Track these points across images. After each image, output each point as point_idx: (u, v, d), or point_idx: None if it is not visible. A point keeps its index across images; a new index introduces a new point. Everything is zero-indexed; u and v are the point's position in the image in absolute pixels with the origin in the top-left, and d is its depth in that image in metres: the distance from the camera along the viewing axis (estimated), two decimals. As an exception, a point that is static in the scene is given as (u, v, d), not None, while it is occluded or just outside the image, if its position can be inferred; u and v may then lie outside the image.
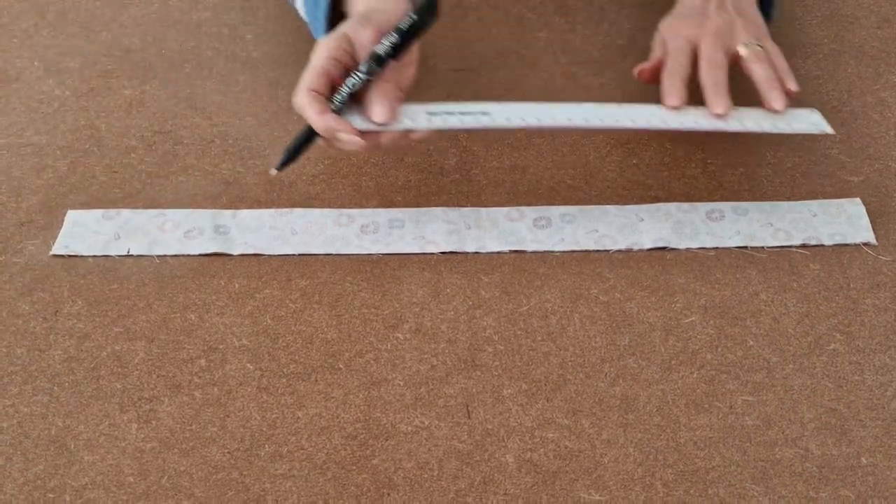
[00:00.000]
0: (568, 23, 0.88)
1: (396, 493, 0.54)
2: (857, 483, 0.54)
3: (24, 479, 0.54)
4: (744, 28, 0.71)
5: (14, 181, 0.72)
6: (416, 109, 0.65)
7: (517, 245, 0.67)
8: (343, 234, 0.68)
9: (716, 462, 0.55)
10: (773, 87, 0.67)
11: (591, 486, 0.54)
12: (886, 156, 0.74)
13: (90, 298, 0.64)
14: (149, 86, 0.82)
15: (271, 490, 0.54)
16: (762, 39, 0.71)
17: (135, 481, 0.54)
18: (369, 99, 0.64)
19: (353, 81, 0.63)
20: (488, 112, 0.66)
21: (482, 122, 0.65)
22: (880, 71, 0.83)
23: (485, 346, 0.61)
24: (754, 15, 0.73)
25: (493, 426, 0.57)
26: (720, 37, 0.70)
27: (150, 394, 0.58)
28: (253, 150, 0.75)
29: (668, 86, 0.68)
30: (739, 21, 0.71)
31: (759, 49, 0.69)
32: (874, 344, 0.61)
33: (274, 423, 0.57)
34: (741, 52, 0.69)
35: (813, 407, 0.58)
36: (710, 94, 0.66)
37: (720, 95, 0.66)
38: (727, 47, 0.69)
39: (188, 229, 0.68)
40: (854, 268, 0.66)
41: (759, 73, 0.68)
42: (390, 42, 0.63)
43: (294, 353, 0.61)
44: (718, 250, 0.67)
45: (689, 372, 0.59)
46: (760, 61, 0.69)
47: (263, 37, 0.87)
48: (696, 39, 0.70)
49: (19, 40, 0.87)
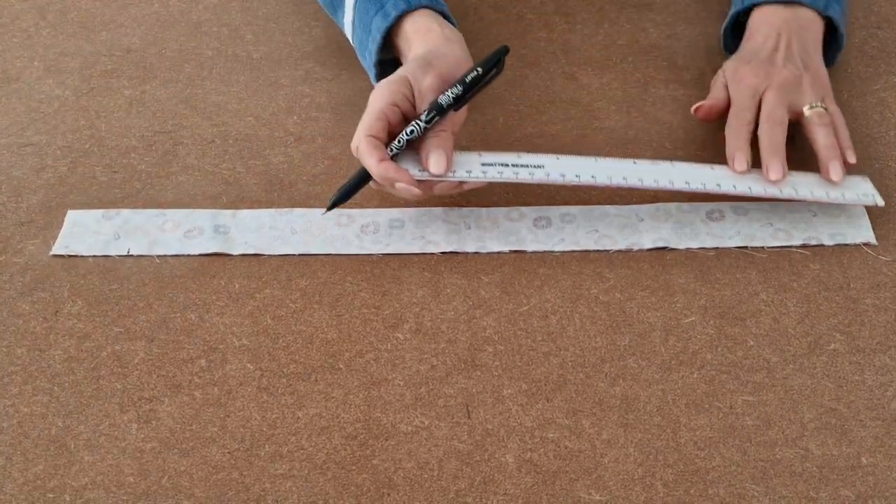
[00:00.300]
0: (568, 23, 0.88)
1: (396, 493, 0.54)
2: (857, 483, 0.54)
3: (24, 479, 0.54)
4: (810, 85, 0.70)
5: (14, 181, 0.72)
6: (471, 159, 0.65)
7: (517, 245, 0.67)
8: (343, 234, 0.68)
9: (716, 462, 0.55)
10: (833, 156, 0.67)
11: (592, 487, 0.54)
12: (886, 156, 0.74)
13: (90, 298, 0.64)
14: (149, 86, 0.82)
15: (271, 490, 0.54)
16: (826, 100, 0.71)
17: (135, 481, 0.54)
18: (426, 148, 0.64)
19: (412, 129, 0.63)
20: (542, 165, 0.66)
21: (536, 176, 0.65)
22: (880, 71, 0.83)
23: (485, 346, 0.61)
24: (820, 68, 0.73)
25: (493, 426, 0.57)
26: (785, 91, 0.70)
27: (150, 394, 0.58)
28: (253, 150, 0.75)
29: (732, 147, 0.68)
30: (806, 76, 0.71)
31: (824, 112, 0.69)
32: (874, 344, 0.61)
33: (274, 423, 0.57)
34: (805, 113, 0.69)
35: (813, 407, 0.58)
36: (767, 156, 0.67)
37: (776, 159, 0.66)
38: (791, 103, 0.69)
39: (188, 229, 0.68)
40: (854, 268, 0.66)
41: (822, 139, 0.68)
42: (454, 94, 0.64)
43: (294, 353, 0.61)
44: (718, 250, 0.67)
45: (690, 372, 0.59)
46: (824, 126, 0.68)
47: (263, 37, 0.87)
48: (761, 90, 0.70)
49: (19, 40, 0.87)
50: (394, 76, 0.66)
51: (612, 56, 0.84)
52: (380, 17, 0.70)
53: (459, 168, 0.65)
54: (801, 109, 0.70)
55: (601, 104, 0.79)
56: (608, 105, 0.79)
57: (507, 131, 0.76)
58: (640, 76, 0.82)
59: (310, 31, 0.88)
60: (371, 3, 0.71)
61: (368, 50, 0.72)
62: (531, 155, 0.67)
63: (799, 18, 0.74)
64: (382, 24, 0.70)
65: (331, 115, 0.78)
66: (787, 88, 0.70)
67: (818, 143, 0.68)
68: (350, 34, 0.76)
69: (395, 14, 0.70)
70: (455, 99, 0.64)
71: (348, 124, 0.77)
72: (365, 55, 0.73)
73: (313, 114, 0.78)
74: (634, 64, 0.84)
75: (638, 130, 0.77)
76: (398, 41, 0.71)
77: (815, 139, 0.69)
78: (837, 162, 0.67)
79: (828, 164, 0.67)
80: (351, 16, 0.74)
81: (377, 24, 0.70)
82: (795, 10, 0.75)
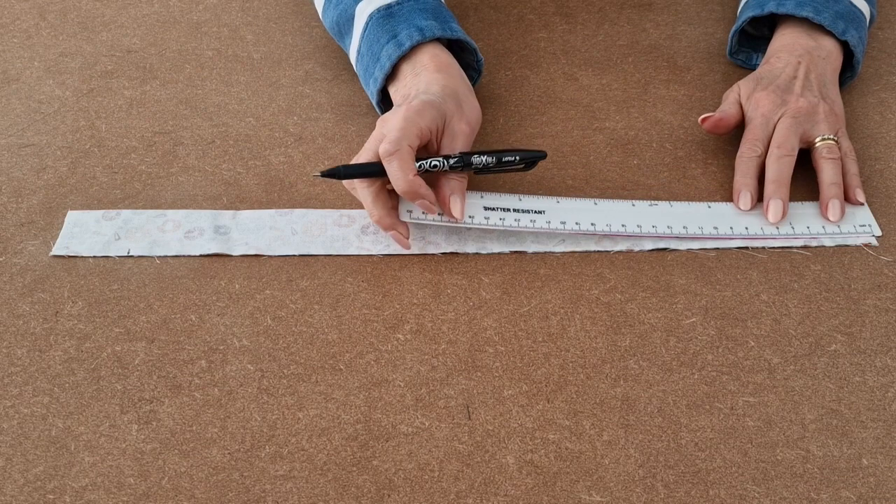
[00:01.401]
0: (568, 24, 0.88)
1: (397, 494, 0.53)
2: (858, 484, 0.54)
3: (25, 481, 0.54)
4: (825, 117, 0.70)
5: (14, 181, 0.72)
6: (475, 203, 0.67)
7: (518, 246, 0.67)
8: (343, 234, 0.68)
9: (717, 463, 0.55)
10: (834, 194, 0.68)
11: (592, 488, 0.54)
12: (887, 156, 0.74)
13: (90, 299, 0.64)
14: (149, 86, 0.82)
15: (272, 491, 0.54)
16: (840, 134, 0.71)
17: (135, 482, 0.54)
18: (448, 190, 0.64)
19: (436, 165, 0.63)
20: (543, 210, 0.67)
21: (538, 223, 0.66)
22: (880, 71, 0.83)
23: (485, 347, 0.61)
24: (836, 100, 0.73)
25: (493, 427, 0.57)
26: (799, 121, 0.70)
27: (150, 395, 0.58)
28: (253, 150, 0.75)
29: (740, 184, 0.69)
30: (822, 107, 0.71)
31: (835, 145, 0.69)
32: (875, 345, 0.61)
33: (274, 424, 0.57)
34: (816, 144, 0.70)
35: (814, 408, 0.58)
36: (770, 191, 0.67)
37: (778, 198, 0.67)
38: (804, 132, 0.70)
39: (188, 230, 0.68)
40: (855, 268, 0.66)
41: (827, 174, 0.68)
42: (486, 163, 0.65)
43: (294, 353, 0.61)
44: (719, 251, 0.67)
45: (690, 373, 0.59)
46: (833, 160, 0.69)
47: (263, 37, 0.87)
48: (776, 118, 0.70)
49: (19, 40, 0.87)
50: (433, 102, 0.65)
51: (612, 56, 0.84)
52: (392, 46, 0.70)
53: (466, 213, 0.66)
54: (813, 140, 0.70)
55: (601, 104, 0.79)
56: (608, 105, 0.79)
57: (507, 131, 0.76)
58: (640, 77, 0.82)
59: (310, 31, 0.88)
60: (383, 32, 0.72)
61: (374, 77, 0.72)
62: (532, 198, 0.68)
63: (820, 49, 0.75)
64: (395, 52, 0.70)
65: (331, 115, 0.78)
66: (802, 118, 0.70)
67: (823, 177, 0.69)
68: (354, 60, 0.76)
69: (410, 44, 0.70)
70: (484, 167, 0.65)
71: (348, 124, 0.77)
72: (369, 82, 0.73)
73: (313, 114, 0.78)
74: (635, 64, 0.84)
75: (638, 130, 0.77)
76: (405, 68, 0.71)
77: (821, 172, 0.69)
78: (838, 201, 0.68)
79: (827, 202, 0.68)
80: (357, 44, 0.74)
81: (388, 53, 0.70)
82: (818, 40, 0.75)
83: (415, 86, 0.68)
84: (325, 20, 0.80)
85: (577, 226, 0.66)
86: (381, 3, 0.73)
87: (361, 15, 0.74)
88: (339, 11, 0.76)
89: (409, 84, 0.69)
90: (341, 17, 0.76)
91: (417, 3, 0.73)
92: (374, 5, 0.73)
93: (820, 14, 0.75)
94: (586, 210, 0.68)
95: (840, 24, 0.75)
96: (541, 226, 0.66)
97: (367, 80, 0.74)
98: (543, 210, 0.67)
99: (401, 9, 0.72)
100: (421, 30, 0.70)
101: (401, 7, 0.72)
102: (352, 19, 0.75)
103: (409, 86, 0.69)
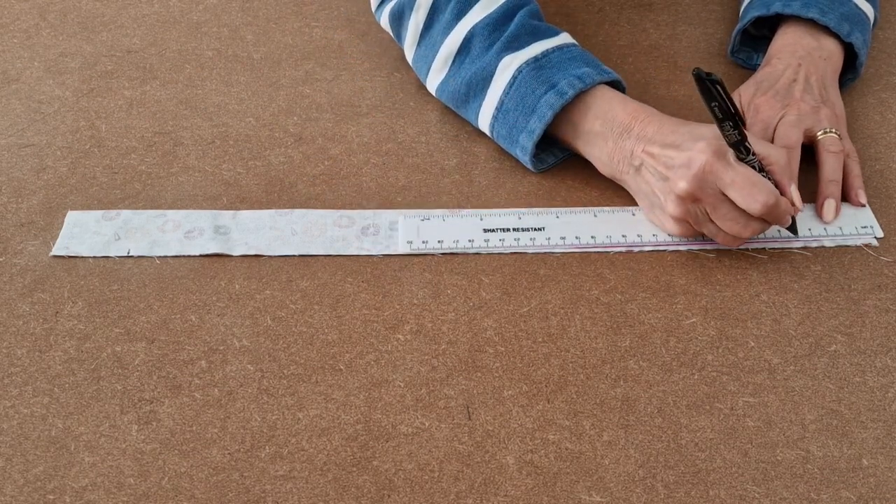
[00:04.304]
0: (568, 24, 0.88)
1: (397, 494, 0.53)
2: (858, 485, 0.54)
3: (25, 481, 0.54)
4: (827, 118, 0.70)
5: (14, 182, 0.72)
6: (474, 225, 0.68)
7: (518, 246, 0.67)
8: (344, 234, 0.68)
9: (717, 463, 0.55)
10: (831, 193, 0.68)
11: (592, 488, 0.54)
12: (887, 156, 0.74)
13: (90, 299, 0.64)
14: (149, 86, 0.82)
15: (272, 491, 0.54)
16: (841, 135, 0.71)
17: (135, 483, 0.54)
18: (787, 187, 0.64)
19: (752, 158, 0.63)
20: (543, 227, 0.68)
21: (538, 241, 0.67)
22: (880, 71, 0.83)
23: (485, 348, 0.61)
24: (837, 102, 0.73)
25: (493, 427, 0.57)
26: (802, 118, 0.70)
27: (150, 395, 0.58)
28: (253, 151, 0.75)
29: None
30: (824, 109, 0.71)
31: (838, 139, 0.69)
32: (875, 345, 0.61)
33: (274, 425, 0.57)
34: (819, 136, 0.69)
35: (814, 408, 0.58)
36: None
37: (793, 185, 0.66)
38: (806, 128, 0.70)
39: (188, 230, 0.68)
40: (855, 269, 0.66)
41: (828, 169, 0.68)
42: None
43: (295, 354, 0.61)
44: (719, 251, 0.67)
45: (690, 373, 0.59)
46: (835, 154, 0.69)
47: (263, 37, 0.87)
48: (775, 122, 0.70)
49: (19, 40, 0.87)
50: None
51: (612, 57, 0.84)
52: (553, 95, 0.68)
53: (461, 238, 0.67)
54: (815, 134, 0.70)
55: (602, 105, 0.79)
56: (609, 106, 0.79)
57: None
58: (640, 77, 0.82)
59: (310, 31, 0.88)
60: (539, 83, 0.69)
61: (528, 129, 0.69)
62: (531, 215, 0.68)
63: (822, 50, 0.75)
64: (557, 101, 0.68)
65: (331, 115, 0.78)
66: (804, 115, 0.70)
67: (823, 172, 0.68)
68: (490, 120, 0.72)
69: (573, 93, 0.67)
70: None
71: (348, 124, 0.77)
72: (519, 137, 0.70)
73: (313, 114, 0.78)
74: (635, 64, 0.84)
75: (638, 131, 0.76)
76: (573, 116, 0.69)
77: (822, 166, 0.69)
78: (833, 201, 0.67)
79: (823, 201, 0.68)
80: (496, 102, 0.71)
81: (549, 102, 0.68)
82: (820, 41, 0.75)
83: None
84: (450, 82, 0.74)
85: (577, 240, 0.67)
86: (529, 55, 0.70)
87: (507, 69, 0.70)
88: (479, 67, 0.72)
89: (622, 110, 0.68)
90: (476, 76, 0.72)
91: (563, 53, 0.70)
92: (521, 59, 0.70)
93: (825, 15, 0.75)
94: (586, 223, 0.68)
95: (845, 25, 0.75)
96: (541, 243, 0.67)
97: (514, 136, 0.71)
98: (543, 227, 0.68)
99: (550, 60, 0.70)
100: (581, 77, 0.68)
101: (549, 58, 0.70)
102: (491, 76, 0.71)
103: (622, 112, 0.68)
